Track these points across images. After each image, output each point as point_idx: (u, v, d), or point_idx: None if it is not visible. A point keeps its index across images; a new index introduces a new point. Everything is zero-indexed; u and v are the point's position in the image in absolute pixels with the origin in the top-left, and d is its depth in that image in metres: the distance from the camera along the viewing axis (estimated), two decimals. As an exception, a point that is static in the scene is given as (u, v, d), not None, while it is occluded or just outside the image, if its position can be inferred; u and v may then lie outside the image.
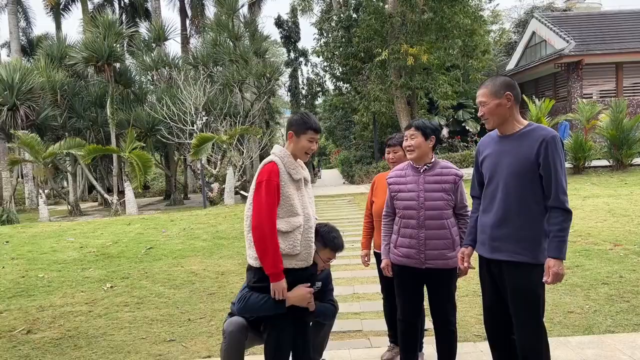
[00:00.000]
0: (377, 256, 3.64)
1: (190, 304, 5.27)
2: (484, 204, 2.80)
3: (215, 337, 4.30)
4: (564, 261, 2.51)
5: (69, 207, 19.53)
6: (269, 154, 2.96)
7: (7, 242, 9.56)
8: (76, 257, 7.74)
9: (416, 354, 3.26)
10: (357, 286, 5.70)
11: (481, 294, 2.92)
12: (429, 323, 3.58)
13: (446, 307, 3.12)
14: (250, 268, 2.91)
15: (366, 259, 3.81)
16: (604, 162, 15.34)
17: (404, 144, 3.25)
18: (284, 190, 2.81)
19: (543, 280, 2.53)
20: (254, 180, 2.86)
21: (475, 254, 2.89)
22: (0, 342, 4.42)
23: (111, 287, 6.02)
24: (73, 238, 9.61)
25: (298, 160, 2.97)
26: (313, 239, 2.91)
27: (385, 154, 3.77)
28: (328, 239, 3.05)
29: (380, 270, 3.50)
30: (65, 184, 28.96)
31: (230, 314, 3.12)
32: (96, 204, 24.69)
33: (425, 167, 3.16)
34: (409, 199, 3.12)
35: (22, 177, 26.41)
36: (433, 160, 3.20)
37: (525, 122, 2.71)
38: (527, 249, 2.60)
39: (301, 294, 2.85)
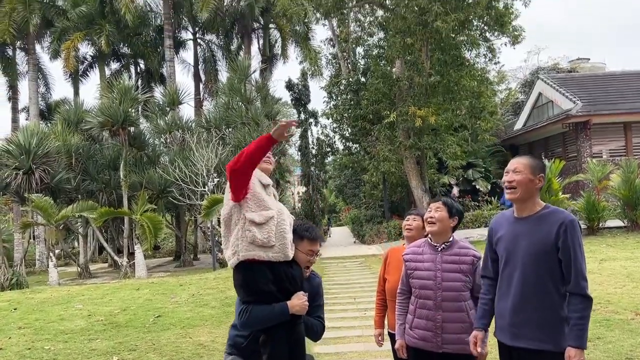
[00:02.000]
0: (392, 336, 3.52)
1: (198, 380, 5.11)
2: (501, 287, 2.74)
3: (223, 419, 4.12)
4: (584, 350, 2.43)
5: (79, 269, 19.47)
6: None
7: (15, 309, 9.46)
8: (83, 327, 7.61)
9: None
10: (371, 360, 5.51)
11: None
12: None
13: (464, 394, 2.98)
14: (235, 283, 2.90)
15: (380, 339, 3.69)
16: (619, 223, 15.13)
17: (427, 215, 3.19)
18: (254, 189, 2.85)
19: None
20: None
21: (494, 339, 2.79)
22: (1, 423, 4.28)
23: (118, 360, 5.89)
24: (81, 305, 9.50)
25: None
26: (288, 232, 2.88)
27: (404, 221, 3.64)
28: (301, 230, 3.03)
29: (394, 352, 3.39)
30: (75, 244, 29.04)
31: (229, 354, 3.01)
32: (106, 265, 24.60)
33: (443, 245, 3.11)
34: (426, 278, 3.06)
35: (34, 239, 26.58)
36: (452, 239, 3.15)
37: (543, 204, 2.69)
38: (548, 335, 2.52)
39: (300, 302, 2.83)
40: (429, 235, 3.19)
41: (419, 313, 3.06)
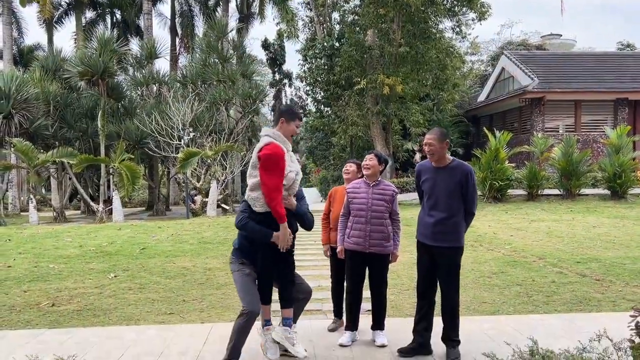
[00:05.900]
0: (332, 249, 4.83)
1: (184, 290, 6.39)
2: (425, 210, 4.19)
3: (206, 312, 5.44)
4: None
5: (54, 213, 20.28)
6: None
7: (9, 239, 10.49)
8: (78, 254, 8.76)
9: (357, 319, 4.46)
10: (322, 281, 6.86)
11: (417, 272, 4.26)
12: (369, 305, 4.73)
13: (381, 281, 4.44)
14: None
15: (327, 252, 5.00)
16: (556, 191, 16.87)
17: (363, 162, 4.52)
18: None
19: None
20: (255, 156, 3.76)
21: (410, 247, 4.15)
22: (31, 311, 5.48)
23: (115, 276, 7.09)
24: (70, 238, 10.59)
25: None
26: (297, 188, 4.00)
27: (344, 167, 4.93)
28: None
29: (335, 258, 4.71)
30: (43, 191, 29.51)
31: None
32: (79, 212, 25.40)
33: (374, 183, 4.43)
34: (361, 204, 4.39)
35: (8, 184, 27.08)
36: (380, 179, 4.48)
37: (451, 159, 4.13)
38: (454, 238, 4.05)
39: (284, 234, 3.79)
40: (365, 177, 4.47)
41: (354, 227, 4.41)
